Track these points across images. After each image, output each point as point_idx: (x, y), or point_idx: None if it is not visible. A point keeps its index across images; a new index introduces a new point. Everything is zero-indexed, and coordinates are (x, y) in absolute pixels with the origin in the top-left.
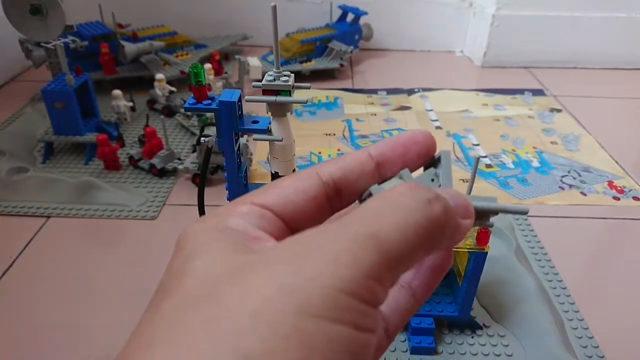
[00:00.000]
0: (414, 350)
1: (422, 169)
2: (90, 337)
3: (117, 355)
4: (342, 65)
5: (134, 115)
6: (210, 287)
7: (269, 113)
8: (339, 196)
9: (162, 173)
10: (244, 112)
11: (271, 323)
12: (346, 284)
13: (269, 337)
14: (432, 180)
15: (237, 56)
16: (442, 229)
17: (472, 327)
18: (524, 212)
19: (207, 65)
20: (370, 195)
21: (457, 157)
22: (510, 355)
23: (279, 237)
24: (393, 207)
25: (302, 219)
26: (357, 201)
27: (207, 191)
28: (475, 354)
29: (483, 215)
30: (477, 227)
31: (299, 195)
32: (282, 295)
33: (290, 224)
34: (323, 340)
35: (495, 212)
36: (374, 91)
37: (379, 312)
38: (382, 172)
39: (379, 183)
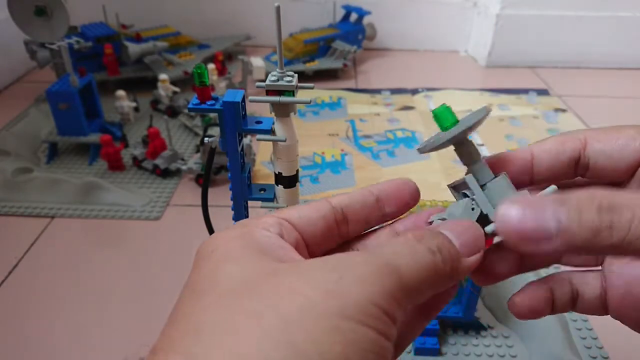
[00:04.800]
0: (418, 351)
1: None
2: (95, 337)
3: (156, 345)
4: (345, 65)
5: (138, 116)
6: (249, 286)
7: (273, 113)
8: (345, 223)
9: (165, 173)
10: (247, 113)
11: (317, 319)
12: (375, 297)
13: (314, 330)
14: (472, 209)
15: (240, 56)
16: (443, 275)
17: (476, 328)
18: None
19: (211, 66)
20: (431, 223)
21: None
22: (514, 357)
23: (296, 246)
24: (409, 251)
25: (314, 234)
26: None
27: (211, 191)
28: (479, 355)
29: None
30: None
31: (313, 212)
32: (328, 298)
33: (304, 235)
34: (355, 339)
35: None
36: (377, 91)
37: (395, 326)
38: (381, 205)
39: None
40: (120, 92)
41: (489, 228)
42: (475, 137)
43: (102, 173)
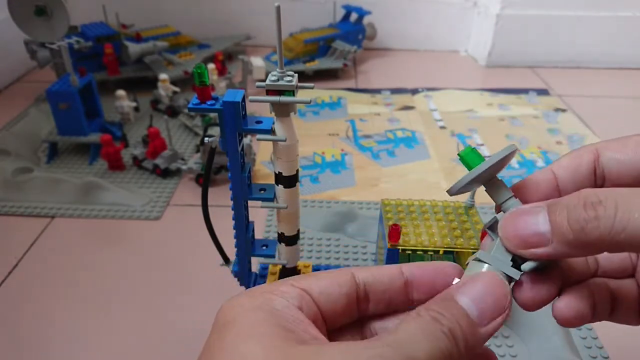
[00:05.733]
0: None
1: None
2: (94, 337)
3: None
4: (345, 65)
5: (138, 116)
6: None
7: (273, 113)
8: (366, 300)
9: (165, 173)
10: (247, 113)
11: None
12: None
13: None
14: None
15: (240, 56)
16: (459, 356)
17: None
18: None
19: (211, 66)
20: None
21: None
22: (514, 356)
23: (314, 321)
24: (426, 337)
25: (333, 311)
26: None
27: (211, 191)
28: None
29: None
30: (483, 228)
31: (335, 287)
32: None
33: (323, 311)
34: None
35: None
36: (377, 91)
37: None
38: (409, 290)
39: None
40: (120, 92)
41: (526, 266)
42: (475, 137)
43: (102, 173)
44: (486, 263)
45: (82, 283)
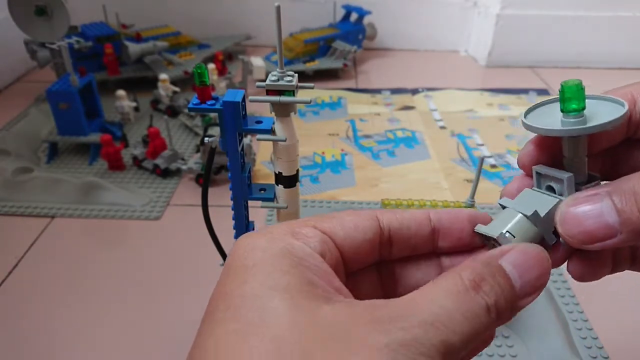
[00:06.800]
0: None
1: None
2: (94, 336)
3: None
4: (345, 65)
5: (138, 116)
6: (301, 348)
7: (273, 113)
8: (389, 244)
9: (165, 173)
10: (247, 112)
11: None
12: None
13: None
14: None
15: (240, 56)
16: (493, 327)
17: None
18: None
19: (211, 66)
20: (496, 243)
21: (461, 157)
22: (514, 356)
23: (336, 268)
24: (462, 313)
25: (355, 255)
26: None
27: (211, 191)
28: (479, 355)
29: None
30: None
31: (359, 233)
32: (391, 351)
33: (344, 255)
34: None
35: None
36: (377, 91)
37: None
38: (435, 238)
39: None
40: (121, 92)
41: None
42: (475, 137)
43: (102, 173)
44: (524, 215)
45: (82, 283)
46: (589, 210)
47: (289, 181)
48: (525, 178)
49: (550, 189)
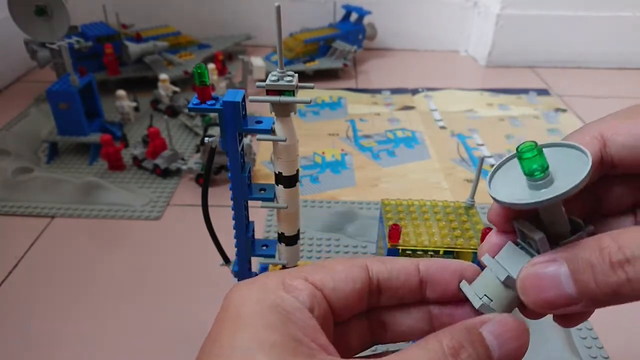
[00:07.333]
0: None
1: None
2: (94, 336)
3: None
4: (345, 65)
5: (138, 116)
6: None
7: (273, 113)
8: (378, 294)
9: (165, 173)
10: (247, 112)
11: None
12: None
13: None
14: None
15: (240, 56)
16: None
17: None
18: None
19: (211, 66)
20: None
21: (461, 157)
22: None
23: (323, 321)
24: None
25: (345, 305)
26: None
27: (211, 191)
28: None
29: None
30: (483, 227)
31: (349, 284)
32: None
33: (333, 306)
34: None
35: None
36: (377, 91)
37: None
38: (423, 288)
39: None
40: (121, 92)
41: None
42: (475, 137)
43: (102, 173)
44: (505, 270)
45: (82, 283)
46: (545, 279)
47: (289, 181)
48: (500, 233)
49: (531, 244)
